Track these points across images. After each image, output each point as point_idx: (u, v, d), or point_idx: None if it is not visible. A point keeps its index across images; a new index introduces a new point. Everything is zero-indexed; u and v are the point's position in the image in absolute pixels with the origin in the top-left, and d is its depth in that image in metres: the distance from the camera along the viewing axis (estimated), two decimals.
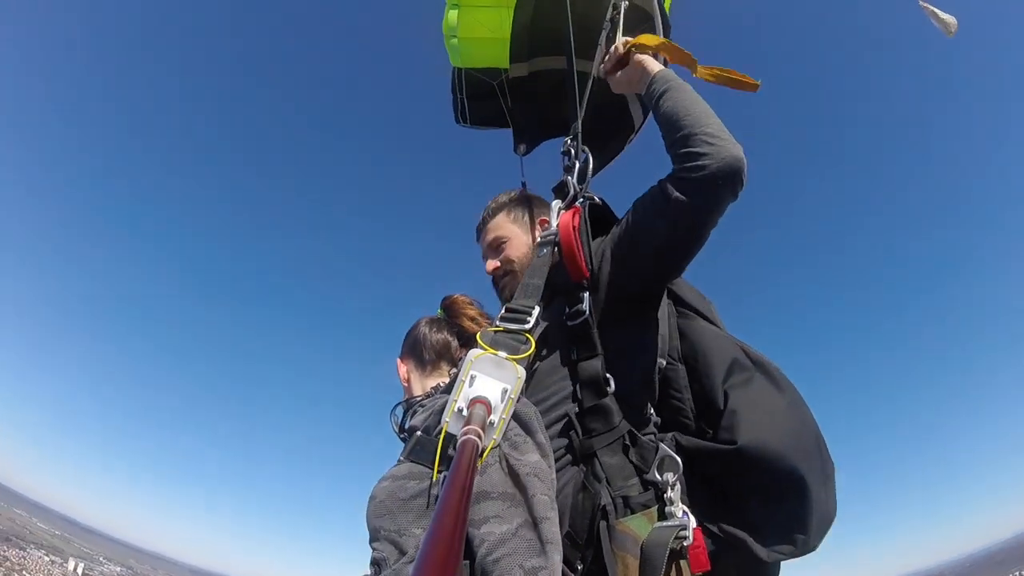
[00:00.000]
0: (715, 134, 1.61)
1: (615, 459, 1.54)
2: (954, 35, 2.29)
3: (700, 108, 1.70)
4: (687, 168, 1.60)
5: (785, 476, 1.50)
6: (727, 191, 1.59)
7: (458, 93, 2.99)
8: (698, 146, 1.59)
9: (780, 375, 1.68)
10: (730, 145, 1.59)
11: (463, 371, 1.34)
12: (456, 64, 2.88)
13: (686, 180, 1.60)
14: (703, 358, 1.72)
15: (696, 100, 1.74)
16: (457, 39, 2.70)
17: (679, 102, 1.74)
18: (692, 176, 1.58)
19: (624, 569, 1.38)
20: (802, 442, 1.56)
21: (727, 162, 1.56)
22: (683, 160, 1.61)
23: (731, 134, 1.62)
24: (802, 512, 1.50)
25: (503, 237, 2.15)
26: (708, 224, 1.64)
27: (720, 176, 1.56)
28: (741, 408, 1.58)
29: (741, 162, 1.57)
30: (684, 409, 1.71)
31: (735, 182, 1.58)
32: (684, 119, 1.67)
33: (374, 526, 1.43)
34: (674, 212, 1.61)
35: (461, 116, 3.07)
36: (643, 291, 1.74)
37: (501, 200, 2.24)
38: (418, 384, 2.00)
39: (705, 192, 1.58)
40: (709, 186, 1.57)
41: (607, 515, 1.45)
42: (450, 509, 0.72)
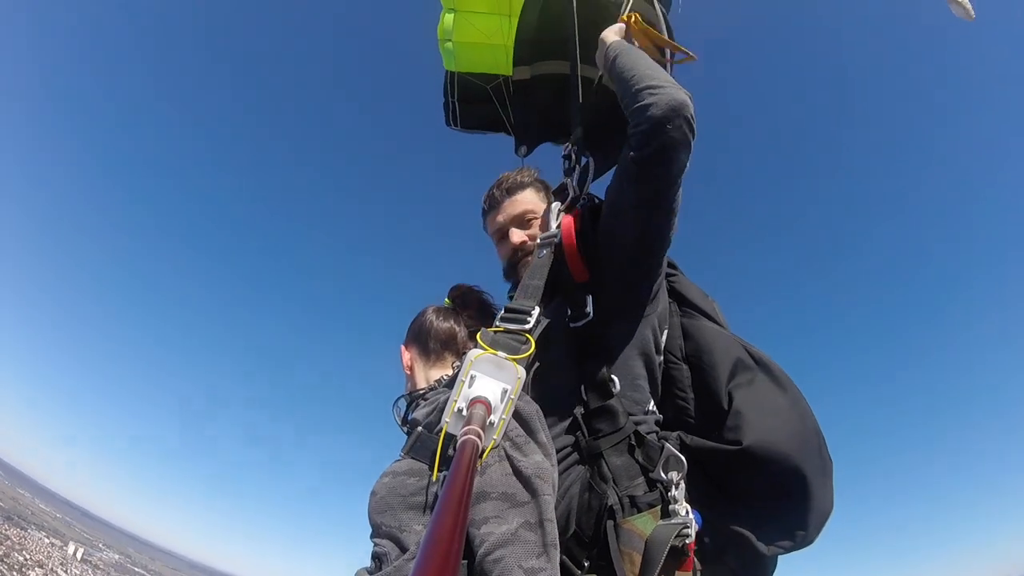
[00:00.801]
0: (657, 84, 1.63)
1: (621, 459, 1.56)
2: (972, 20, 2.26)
3: (643, 64, 1.75)
4: (635, 122, 1.62)
5: (788, 476, 1.57)
6: (676, 135, 1.57)
7: (450, 96, 3.00)
8: (643, 99, 1.62)
9: (783, 375, 1.74)
10: (671, 90, 1.60)
11: (463, 371, 1.34)
12: (450, 68, 2.90)
13: (636, 134, 1.62)
14: (707, 358, 1.77)
15: (640, 58, 1.80)
16: (452, 43, 2.72)
17: (625, 64, 1.79)
18: (640, 129, 1.60)
19: (631, 565, 1.42)
20: (804, 442, 1.62)
21: (669, 105, 1.57)
22: (632, 116, 1.64)
23: (675, 82, 1.66)
24: (802, 509, 1.59)
25: (533, 212, 2.11)
26: (668, 174, 1.64)
27: (665, 120, 1.56)
28: (746, 409, 1.64)
29: (684, 105, 1.57)
30: (688, 408, 1.76)
31: (681, 125, 1.57)
32: (630, 78, 1.71)
33: (375, 521, 1.45)
34: (634, 170, 1.64)
35: (452, 119, 3.07)
36: (635, 268, 1.75)
37: (525, 176, 2.20)
38: (421, 373, 1.95)
39: (654, 140, 1.58)
40: (656, 133, 1.57)
41: (614, 514, 1.48)
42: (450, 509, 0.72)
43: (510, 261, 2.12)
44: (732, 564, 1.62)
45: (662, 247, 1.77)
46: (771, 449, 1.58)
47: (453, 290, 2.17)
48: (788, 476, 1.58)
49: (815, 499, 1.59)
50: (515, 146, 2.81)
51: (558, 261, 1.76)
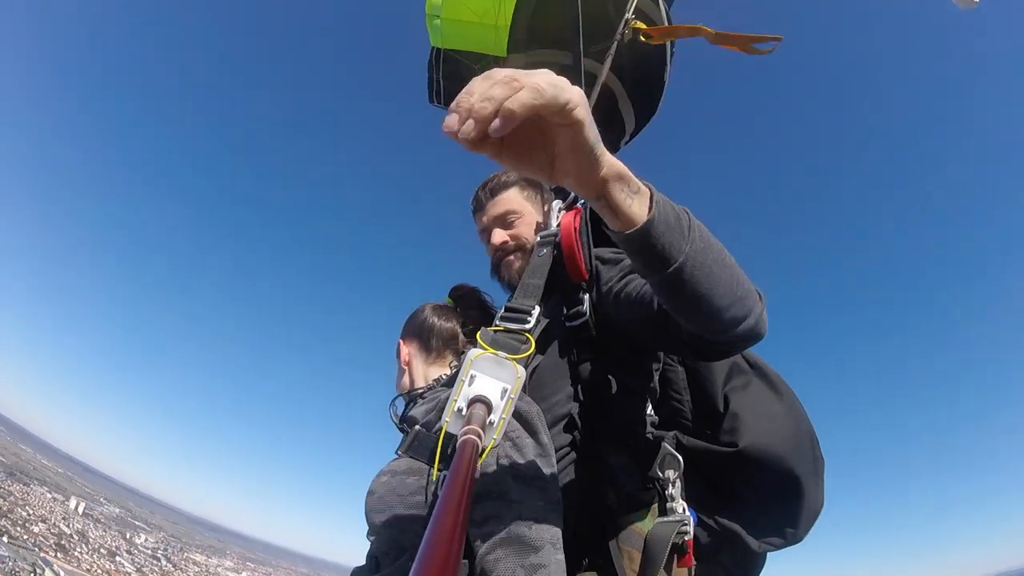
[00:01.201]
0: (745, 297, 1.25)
1: (619, 458, 1.57)
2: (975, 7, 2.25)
3: (729, 266, 1.25)
4: (716, 327, 1.25)
5: (782, 477, 1.61)
6: (747, 345, 1.36)
7: (435, 73, 2.96)
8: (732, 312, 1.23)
9: (778, 378, 1.76)
10: (758, 311, 1.27)
11: (463, 370, 1.30)
12: (436, 44, 2.86)
13: (707, 344, 1.32)
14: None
15: (723, 256, 1.24)
16: (440, 20, 2.69)
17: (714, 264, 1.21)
18: (720, 337, 1.28)
19: (629, 563, 1.44)
20: (798, 445, 1.65)
21: (752, 327, 1.26)
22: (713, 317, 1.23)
23: (754, 288, 1.30)
24: (794, 508, 1.64)
25: (516, 211, 2.03)
26: (712, 359, 1.68)
27: (744, 337, 1.28)
28: (742, 412, 1.67)
29: (763, 326, 1.29)
30: (683, 410, 1.77)
31: (755, 341, 1.33)
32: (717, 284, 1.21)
33: (373, 520, 1.44)
34: (676, 342, 1.37)
35: (436, 96, 3.02)
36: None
37: (510, 176, 2.10)
38: (420, 368, 1.94)
39: (728, 347, 1.35)
40: (732, 344, 1.32)
41: (613, 513, 1.49)
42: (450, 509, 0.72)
43: (492, 261, 2.10)
44: (724, 561, 1.66)
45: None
46: (766, 451, 1.62)
47: (455, 289, 2.16)
48: (782, 478, 1.62)
49: (807, 499, 1.64)
50: None
51: (557, 260, 1.75)
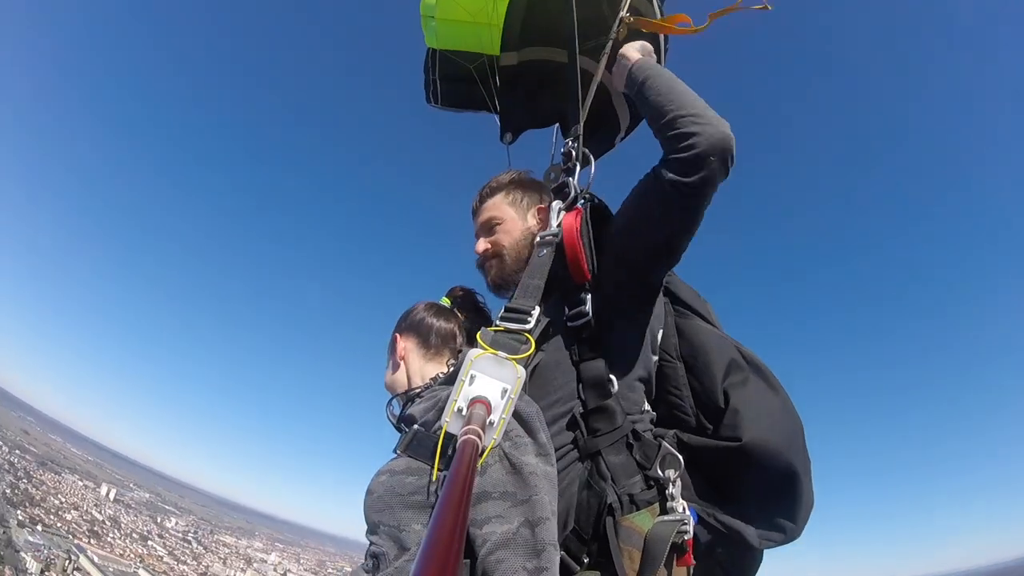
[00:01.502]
0: (701, 114, 1.65)
1: (619, 457, 1.59)
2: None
3: (681, 90, 1.75)
4: (679, 149, 1.63)
5: (781, 472, 1.64)
6: (719, 168, 1.62)
7: (431, 74, 2.98)
8: (686, 127, 1.63)
9: (773, 376, 1.79)
10: (718, 123, 1.63)
11: (463, 370, 1.34)
12: (432, 45, 2.87)
13: (678, 161, 1.62)
14: (702, 357, 1.80)
15: (675, 83, 1.79)
16: (435, 20, 2.69)
17: (660, 87, 1.78)
18: (684, 156, 1.61)
19: (629, 562, 1.46)
20: (795, 440, 1.69)
21: (717, 139, 1.60)
22: (673, 142, 1.64)
23: (718, 115, 1.67)
24: (792, 503, 1.67)
25: (497, 219, 2.09)
26: (702, 203, 1.67)
27: (711, 153, 1.59)
28: (743, 407, 1.69)
29: (730, 139, 1.62)
30: (683, 406, 1.79)
31: (726, 159, 1.62)
32: (668, 103, 1.71)
33: (373, 520, 1.45)
34: (669, 194, 1.64)
35: (433, 96, 3.05)
36: (643, 281, 1.77)
37: (502, 180, 2.17)
38: (416, 364, 1.94)
39: (697, 171, 1.61)
40: (701, 164, 1.60)
41: (613, 512, 1.51)
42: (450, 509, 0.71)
43: (477, 266, 2.13)
44: (722, 558, 1.66)
45: (671, 264, 1.81)
46: (767, 446, 1.63)
47: (453, 290, 2.17)
48: (781, 472, 1.65)
49: (804, 494, 1.68)
50: (500, 133, 2.77)
51: (558, 260, 1.77)
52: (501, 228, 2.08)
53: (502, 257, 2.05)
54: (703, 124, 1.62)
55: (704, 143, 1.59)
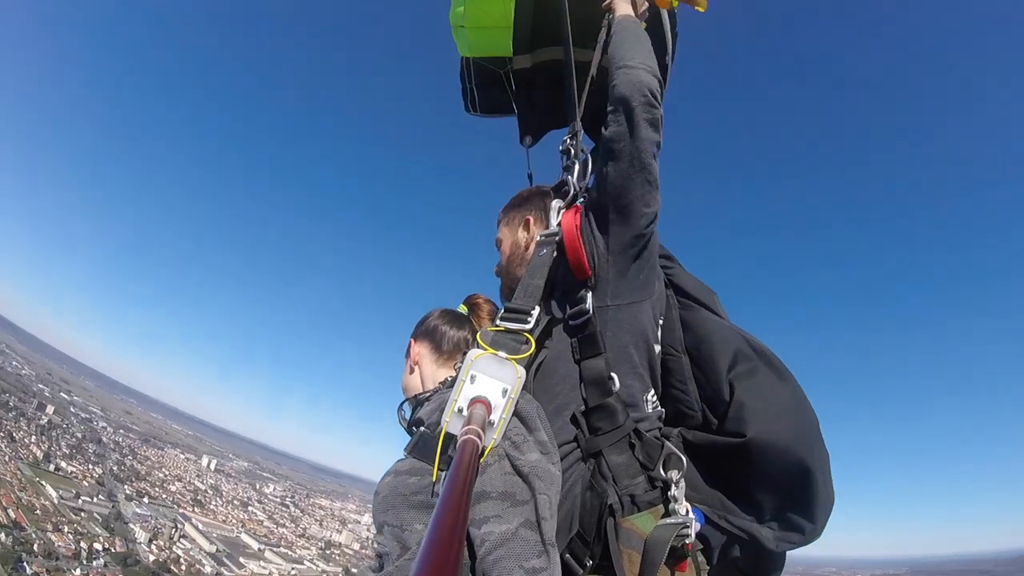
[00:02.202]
0: (627, 63, 1.70)
1: (621, 457, 1.58)
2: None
3: (626, 44, 1.79)
4: (609, 100, 1.70)
5: (792, 467, 1.57)
6: (638, 111, 1.65)
7: (467, 82, 2.99)
8: (614, 78, 1.70)
9: (782, 365, 1.73)
10: (637, 69, 1.67)
11: (463, 370, 1.37)
12: (464, 54, 2.89)
13: (608, 111, 1.69)
14: (706, 348, 1.76)
15: (626, 39, 1.82)
16: (464, 29, 2.72)
17: (616, 41, 1.84)
18: (609, 107, 1.68)
19: (629, 565, 1.46)
20: (806, 434, 1.62)
21: (631, 82, 1.66)
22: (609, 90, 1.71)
23: (649, 61, 1.73)
24: (808, 501, 1.59)
25: (498, 240, 2.19)
26: (632, 144, 1.66)
27: (627, 96, 1.64)
28: (748, 400, 1.63)
29: (643, 83, 1.67)
30: (688, 400, 1.76)
31: (642, 102, 1.64)
32: (613, 58, 1.78)
33: (379, 520, 1.50)
34: (605, 145, 1.69)
35: (471, 105, 3.05)
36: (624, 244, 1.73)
37: (505, 205, 2.24)
38: (428, 369, 1.98)
39: (619, 115, 1.65)
40: (620, 109, 1.64)
41: (614, 513, 1.51)
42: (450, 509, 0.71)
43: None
44: (740, 564, 1.61)
45: (639, 222, 1.72)
46: (775, 441, 1.57)
47: (471, 298, 2.19)
48: (793, 468, 1.57)
49: (819, 491, 1.59)
50: (520, 136, 2.76)
51: (558, 259, 1.78)
52: (501, 249, 2.15)
53: (502, 273, 2.13)
54: (625, 70, 1.68)
55: (621, 88, 1.66)
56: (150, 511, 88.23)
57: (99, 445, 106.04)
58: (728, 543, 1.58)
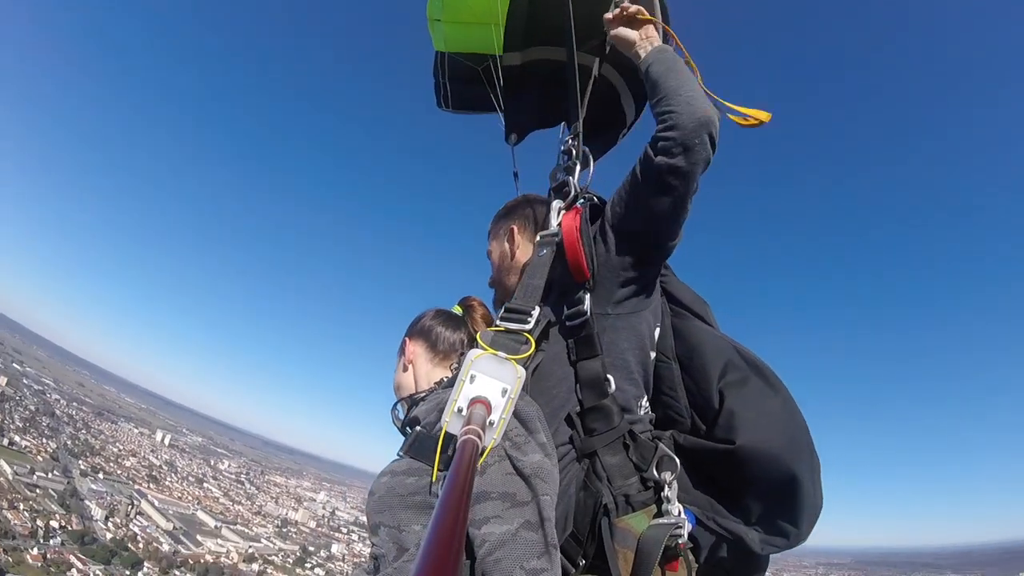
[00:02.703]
0: (688, 95, 1.68)
1: (616, 458, 1.61)
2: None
3: (679, 74, 1.77)
4: (662, 128, 1.66)
5: (780, 475, 1.61)
6: (700, 148, 1.63)
7: (440, 77, 2.94)
8: (671, 106, 1.67)
9: (773, 376, 1.76)
10: (701, 104, 1.67)
11: (463, 370, 1.35)
12: (439, 48, 2.82)
13: (661, 139, 1.65)
14: (698, 357, 1.79)
15: (678, 68, 1.81)
16: (442, 23, 2.66)
17: (664, 70, 1.80)
18: (666, 135, 1.64)
19: (624, 564, 1.48)
20: (795, 442, 1.65)
21: (698, 119, 1.63)
22: (659, 122, 1.68)
23: (706, 97, 1.71)
24: (794, 508, 1.63)
25: (488, 253, 2.23)
26: (687, 183, 1.66)
27: (695, 132, 1.62)
28: (738, 408, 1.67)
29: (710, 119, 1.65)
30: (677, 406, 1.79)
31: (706, 139, 1.64)
32: (664, 84, 1.74)
33: (374, 521, 1.49)
34: (655, 173, 1.66)
35: (443, 100, 3.00)
36: (635, 274, 1.77)
37: (495, 215, 2.27)
38: (424, 368, 1.97)
39: (679, 150, 1.63)
40: (685, 143, 1.62)
41: (608, 513, 1.53)
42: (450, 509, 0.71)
43: None
44: (726, 564, 1.64)
45: (663, 253, 1.80)
46: (764, 449, 1.61)
47: (465, 300, 2.19)
48: (781, 476, 1.60)
49: (807, 498, 1.63)
50: (505, 134, 2.76)
51: (558, 259, 1.78)
52: (491, 260, 2.19)
53: (494, 287, 2.16)
54: (689, 104, 1.66)
55: (686, 123, 1.63)
56: (105, 487, 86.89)
57: (52, 418, 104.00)
58: (716, 544, 1.62)
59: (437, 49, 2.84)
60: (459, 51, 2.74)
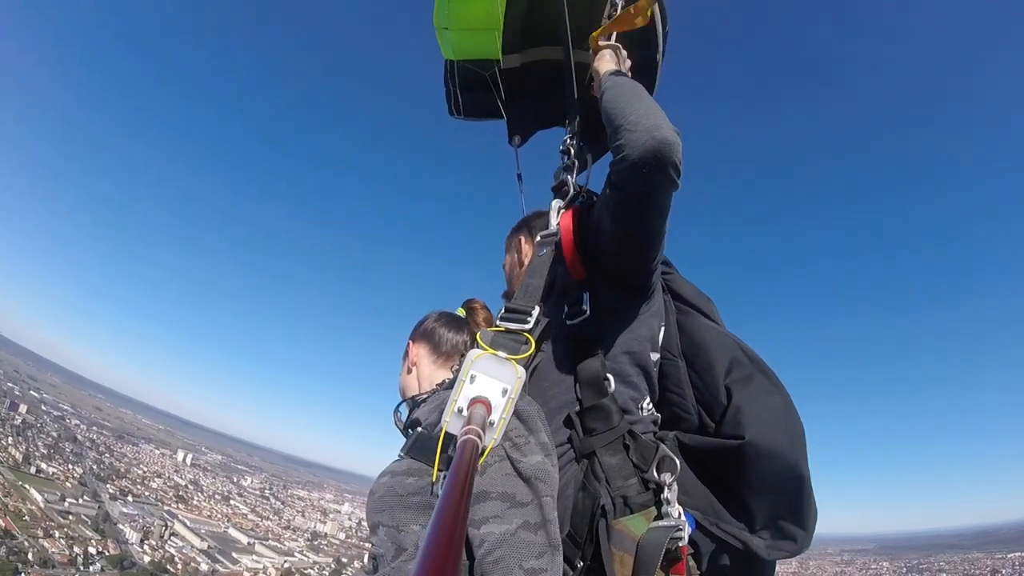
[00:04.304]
0: (635, 122, 1.55)
1: (615, 458, 1.57)
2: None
3: (627, 100, 1.66)
4: (614, 161, 1.57)
5: (787, 473, 1.57)
6: (655, 176, 1.51)
7: (451, 85, 2.94)
8: (620, 137, 1.56)
9: (775, 375, 1.74)
10: (648, 131, 1.51)
11: (463, 370, 1.35)
12: (448, 56, 2.83)
13: (614, 173, 1.58)
14: (703, 354, 1.77)
15: (624, 94, 1.71)
16: (449, 31, 2.67)
17: (612, 100, 1.71)
18: (618, 168, 1.55)
19: (621, 567, 1.43)
20: (797, 440, 1.62)
21: (646, 147, 1.48)
22: (613, 154, 1.59)
23: (659, 119, 1.54)
24: (801, 509, 1.58)
25: (503, 264, 2.27)
26: (647, 212, 1.58)
27: (642, 163, 1.49)
28: (746, 404, 1.64)
29: (662, 144, 1.48)
30: (684, 404, 1.76)
31: (660, 166, 1.50)
32: (613, 115, 1.63)
33: (373, 521, 1.48)
34: (613, 208, 1.61)
35: (455, 108, 3.00)
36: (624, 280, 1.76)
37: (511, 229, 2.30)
38: (426, 371, 1.97)
39: (632, 181, 1.53)
40: (634, 175, 1.52)
41: (606, 514, 1.49)
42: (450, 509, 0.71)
43: None
44: (728, 571, 1.59)
45: (641, 271, 1.74)
46: (771, 444, 1.58)
47: (469, 302, 2.19)
48: (787, 474, 1.57)
49: (812, 499, 1.61)
50: (508, 136, 2.76)
51: (557, 259, 1.78)
52: (505, 272, 2.25)
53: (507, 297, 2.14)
54: (634, 132, 1.52)
55: (634, 154, 1.50)
56: (136, 510, 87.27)
57: (75, 444, 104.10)
58: (718, 550, 1.58)
59: (446, 57, 2.82)
60: (467, 58, 2.72)
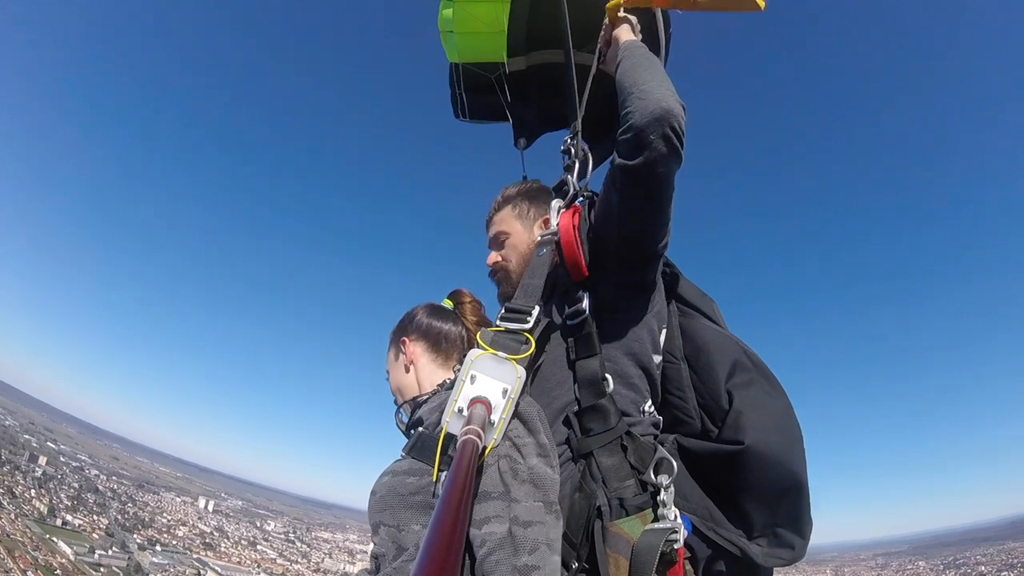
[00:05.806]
0: (644, 90, 1.57)
1: (612, 459, 1.55)
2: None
3: (639, 70, 1.69)
4: (621, 130, 1.57)
5: (786, 480, 1.54)
6: (659, 146, 1.51)
7: (456, 88, 2.93)
8: (628, 105, 1.58)
9: (776, 380, 1.71)
10: (655, 98, 1.53)
11: (464, 371, 1.36)
12: (453, 59, 2.84)
13: (621, 142, 1.57)
14: (705, 357, 1.74)
15: (638, 64, 1.73)
16: (453, 34, 2.68)
17: (628, 69, 1.73)
18: (625, 137, 1.55)
19: (615, 570, 1.40)
20: (796, 446, 1.59)
21: (653, 114, 1.50)
22: (620, 122, 1.59)
23: (666, 88, 1.57)
24: (798, 517, 1.56)
25: (505, 232, 2.09)
26: (653, 182, 1.57)
27: (647, 129, 1.50)
28: (747, 408, 1.61)
29: (666, 112, 1.50)
30: (686, 407, 1.73)
31: (666, 134, 1.51)
32: (627, 83, 1.66)
33: (374, 521, 1.47)
34: (620, 178, 1.59)
35: (460, 111, 2.99)
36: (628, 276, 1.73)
37: (510, 192, 2.17)
38: (426, 369, 1.91)
39: (638, 150, 1.53)
40: (640, 142, 1.52)
41: (602, 516, 1.47)
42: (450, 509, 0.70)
43: (489, 277, 2.13)
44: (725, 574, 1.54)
45: (651, 253, 1.70)
46: (771, 450, 1.55)
47: (457, 294, 2.12)
48: (786, 480, 1.54)
49: (808, 507, 1.57)
50: (514, 138, 2.75)
51: (557, 259, 1.76)
52: (509, 242, 2.07)
53: (508, 272, 2.05)
54: (643, 99, 1.54)
55: (640, 120, 1.51)
56: (166, 559, 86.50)
57: (97, 494, 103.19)
58: (713, 556, 1.53)
59: (451, 60, 2.83)
60: (471, 61, 2.73)
